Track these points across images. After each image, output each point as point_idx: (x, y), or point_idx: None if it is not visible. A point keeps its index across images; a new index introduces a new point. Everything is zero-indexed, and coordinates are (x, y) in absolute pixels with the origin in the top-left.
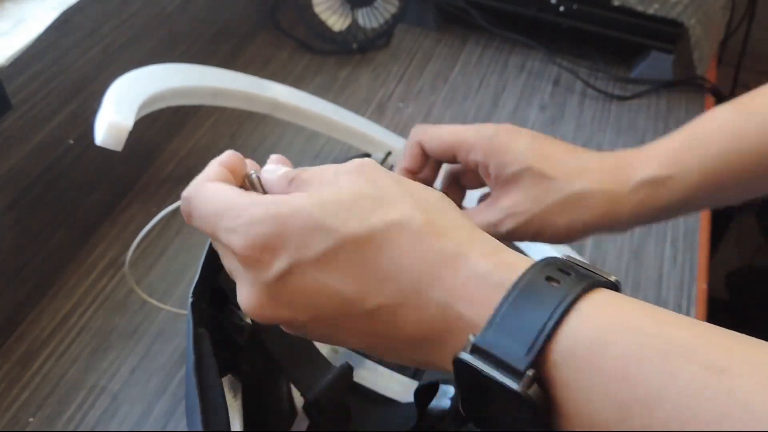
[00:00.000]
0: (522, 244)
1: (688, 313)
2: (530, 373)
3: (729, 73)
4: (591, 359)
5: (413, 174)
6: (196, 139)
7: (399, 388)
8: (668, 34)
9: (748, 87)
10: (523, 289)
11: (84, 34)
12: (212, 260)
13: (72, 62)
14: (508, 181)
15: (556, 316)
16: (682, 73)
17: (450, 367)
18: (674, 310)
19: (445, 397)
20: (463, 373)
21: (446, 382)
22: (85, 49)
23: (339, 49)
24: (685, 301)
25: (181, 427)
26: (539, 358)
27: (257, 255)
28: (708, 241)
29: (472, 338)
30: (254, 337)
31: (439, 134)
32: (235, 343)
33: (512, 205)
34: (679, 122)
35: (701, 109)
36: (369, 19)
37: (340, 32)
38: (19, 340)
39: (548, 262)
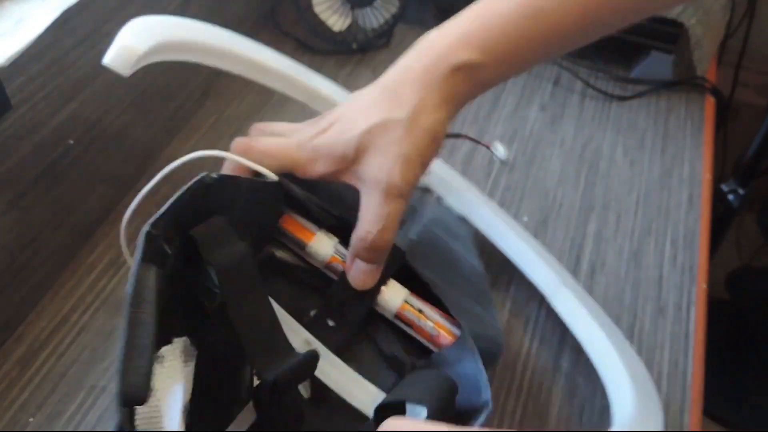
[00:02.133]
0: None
1: (687, 314)
2: None
3: (729, 73)
4: None
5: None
6: (196, 139)
7: (362, 396)
8: (668, 34)
9: (748, 87)
10: None
11: (84, 34)
12: (188, 203)
13: (72, 62)
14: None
15: None
16: (682, 73)
17: None
18: (674, 310)
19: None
20: None
21: (420, 403)
22: (85, 49)
23: (339, 49)
24: (685, 302)
25: None
26: None
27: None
28: (708, 241)
29: None
30: (224, 308)
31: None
32: (203, 308)
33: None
34: (679, 122)
35: (701, 109)
36: (369, 19)
37: (340, 32)
38: (19, 340)
39: None
